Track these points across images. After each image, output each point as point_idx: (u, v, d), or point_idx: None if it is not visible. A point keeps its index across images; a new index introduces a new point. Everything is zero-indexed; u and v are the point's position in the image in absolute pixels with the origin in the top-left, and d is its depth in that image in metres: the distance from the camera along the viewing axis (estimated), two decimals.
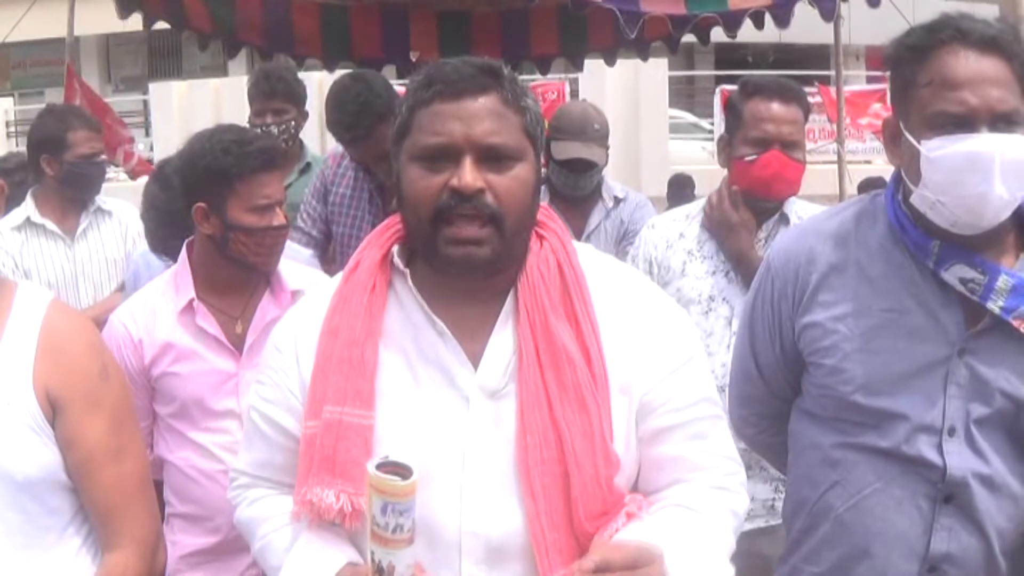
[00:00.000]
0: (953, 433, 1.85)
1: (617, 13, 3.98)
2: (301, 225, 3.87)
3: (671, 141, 14.27)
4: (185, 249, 2.61)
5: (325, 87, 4.05)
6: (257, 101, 4.28)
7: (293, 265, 2.66)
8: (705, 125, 16.14)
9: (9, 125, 16.86)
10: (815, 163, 5.42)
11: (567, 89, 13.22)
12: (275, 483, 1.74)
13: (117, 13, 4.82)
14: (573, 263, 1.66)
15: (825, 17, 4.42)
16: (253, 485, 1.77)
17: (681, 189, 9.23)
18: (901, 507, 1.89)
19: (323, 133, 10.02)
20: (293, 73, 4.51)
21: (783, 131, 2.80)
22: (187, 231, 2.58)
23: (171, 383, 2.49)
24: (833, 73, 6.51)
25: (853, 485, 1.93)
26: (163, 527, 2.06)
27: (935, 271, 1.85)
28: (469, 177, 1.54)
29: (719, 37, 4.92)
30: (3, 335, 1.72)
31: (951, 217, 1.80)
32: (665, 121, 14.13)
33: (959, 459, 1.85)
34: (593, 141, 3.68)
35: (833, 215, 2.04)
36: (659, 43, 5.32)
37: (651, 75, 13.23)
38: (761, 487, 2.77)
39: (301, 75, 4.58)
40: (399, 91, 3.77)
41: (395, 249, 1.67)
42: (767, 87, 2.86)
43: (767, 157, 2.79)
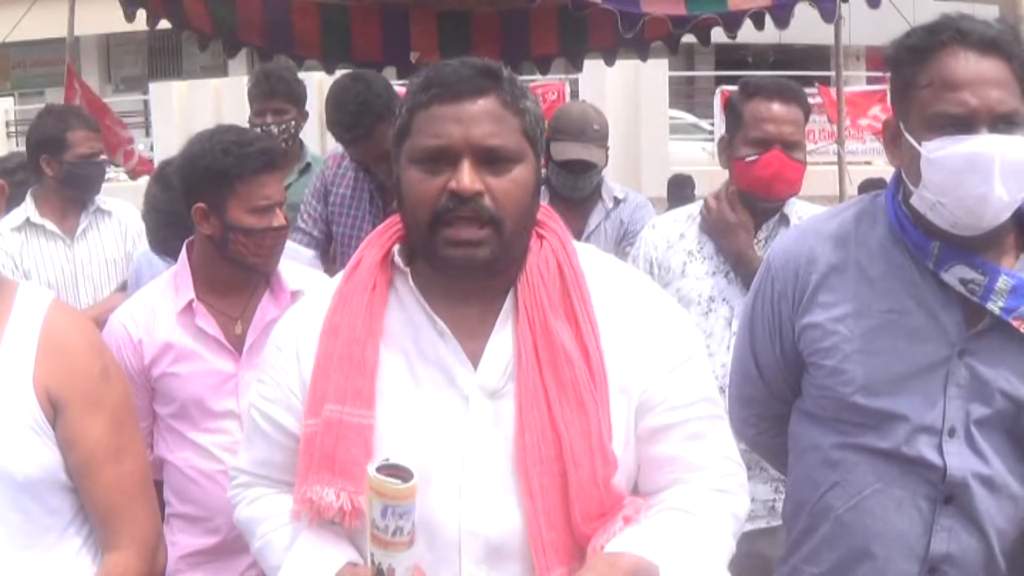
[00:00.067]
0: (953, 434, 1.85)
1: (617, 13, 3.98)
2: (302, 225, 3.86)
3: (671, 142, 14.27)
4: (185, 249, 2.60)
5: (325, 87, 4.05)
6: (257, 101, 4.28)
7: (293, 265, 2.66)
8: (705, 126, 16.14)
9: (9, 125, 16.86)
10: (815, 164, 5.41)
11: (567, 90, 13.21)
12: (275, 482, 1.74)
13: (124, 14, 4.81)
14: (573, 263, 1.66)
15: (826, 18, 4.41)
16: (253, 484, 1.77)
17: (681, 189, 9.22)
18: (901, 508, 1.89)
19: (323, 133, 10.02)
20: (293, 73, 4.51)
21: (783, 131, 2.80)
22: (188, 232, 2.58)
23: (171, 383, 2.49)
24: (833, 74, 6.50)
25: (853, 486, 1.93)
26: (163, 527, 2.06)
27: (935, 272, 1.85)
28: (467, 180, 1.54)
29: (719, 38, 4.91)
30: (4, 335, 1.72)
31: (951, 218, 1.80)
32: (665, 122, 14.13)
33: (959, 460, 1.85)
34: (592, 142, 3.66)
35: (833, 216, 2.04)
36: (659, 43, 5.32)
37: (651, 76, 13.22)
38: (761, 488, 2.76)
39: (301, 75, 4.57)
40: (399, 92, 3.77)
41: (396, 248, 1.67)
42: (767, 87, 2.86)
43: (768, 157, 2.79)
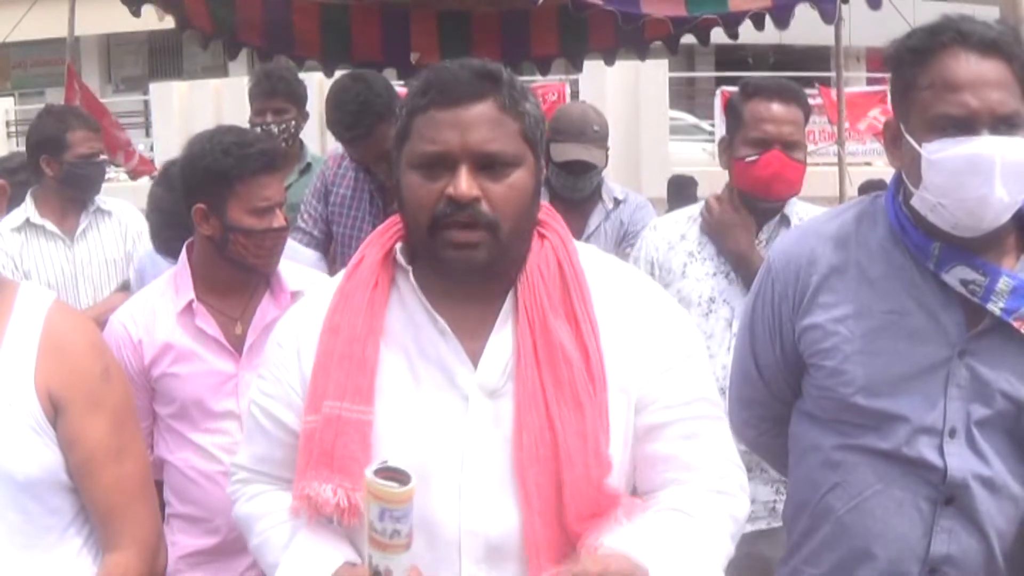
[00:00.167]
0: (954, 435, 1.85)
1: (617, 14, 3.98)
2: (302, 225, 3.86)
3: (671, 142, 14.26)
4: (185, 250, 2.60)
5: (325, 88, 4.04)
6: (258, 100, 4.28)
7: (293, 266, 2.65)
8: (705, 126, 16.14)
9: (9, 125, 16.85)
10: (815, 165, 5.39)
11: (567, 90, 13.20)
12: (274, 478, 1.74)
13: (130, 10, 4.81)
14: (574, 262, 1.66)
15: (826, 19, 4.41)
16: (252, 480, 1.77)
17: (683, 190, 9.18)
18: (901, 509, 1.88)
19: (323, 133, 10.02)
20: (294, 73, 4.51)
21: (783, 131, 2.80)
22: (192, 232, 2.58)
23: (171, 384, 2.49)
24: (833, 74, 6.50)
25: (854, 487, 1.92)
26: (163, 527, 2.06)
27: (936, 273, 1.85)
28: (464, 186, 1.54)
29: (719, 38, 4.91)
30: (5, 336, 1.72)
31: (952, 219, 1.80)
32: (665, 122, 14.12)
33: (960, 461, 1.85)
34: (592, 143, 3.66)
35: (834, 217, 2.04)
36: (658, 43, 5.33)
37: (651, 76, 13.23)
38: (762, 489, 2.76)
39: (302, 76, 4.57)
40: (400, 92, 3.77)
41: (398, 247, 1.68)
42: (767, 88, 2.86)
43: (767, 157, 2.79)
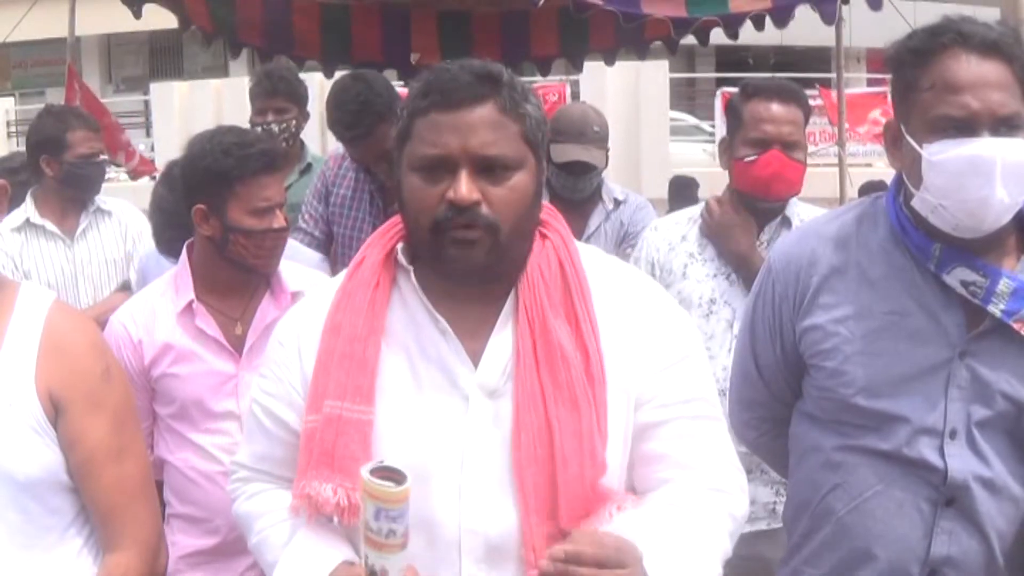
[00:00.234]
0: (954, 436, 1.85)
1: (618, 14, 3.98)
2: (303, 226, 3.86)
3: (672, 143, 14.27)
4: (185, 250, 2.60)
5: (326, 88, 4.05)
6: (259, 99, 4.28)
7: (293, 266, 2.65)
8: (706, 127, 16.14)
9: (10, 125, 16.85)
10: (816, 166, 5.39)
11: (568, 91, 13.20)
12: (275, 477, 1.74)
13: (132, 12, 4.80)
14: (575, 262, 1.66)
15: (826, 20, 4.41)
16: (252, 479, 1.77)
17: (684, 191, 9.17)
18: (902, 510, 1.88)
19: (324, 133, 10.03)
20: (295, 73, 4.51)
21: (782, 131, 2.80)
22: (193, 232, 2.58)
23: (171, 384, 2.49)
24: (834, 75, 6.50)
25: (854, 488, 1.92)
26: (163, 527, 2.06)
27: (936, 274, 1.85)
28: (464, 190, 1.54)
29: (719, 39, 4.92)
30: (5, 336, 1.72)
31: (952, 221, 1.80)
32: (666, 123, 14.13)
33: (960, 462, 1.85)
34: (592, 143, 3.65)
35: (834, 218, 2.04)
36: (658, 44, 5.33)
37: (652, 77, 13.24)
38: (762, 490, 2.76)
39: (303, 76, 4.58)
40: (400, 92, 3.77)
41: (399, 247, 1.68)
42: (766, 88, 2.86)
43: (766, 157, 2.79)
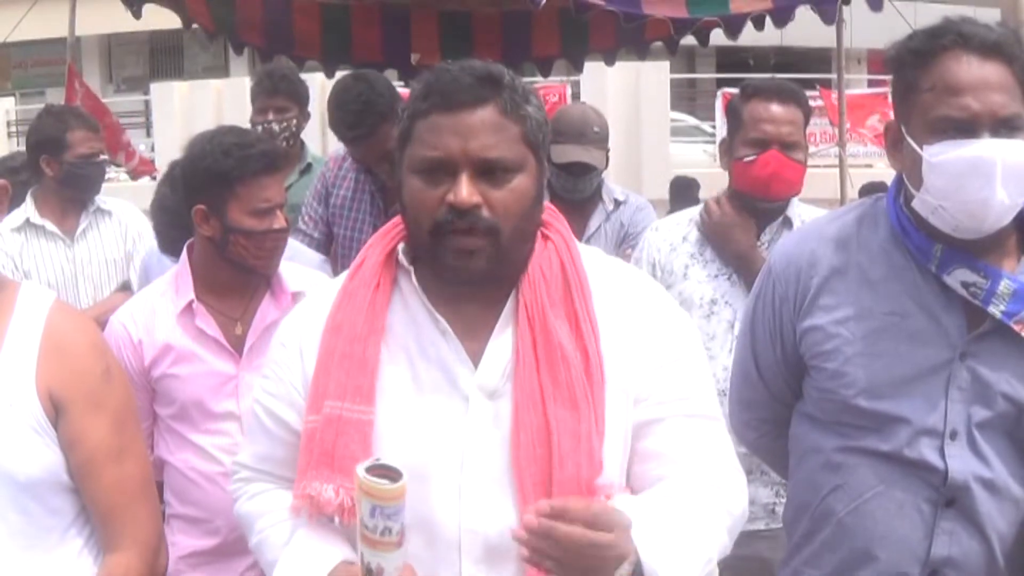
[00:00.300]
0: (955, 436, 1.85)
1: (619, 15, 3.98)
2: (302, 227, 3.86)
3: (672, 144, 14.27)
4: (185, 250, 2.60)
5: (327, 89, 4.04)
6: (260, 98, 4.28)
7: (294, 267, 2.65)
8: (706, 128, 16.15)
9: (10, 125, 16.85)
10: (816, 166, 5.40)
11: (568, 91, 13.21)
12: (276, 477, 1.74)
13: (131, 12, 4.80)
14: (576, 263, 1.66)
15: (826, 20, 4.41)
16: (254, 479, 1.78)
17: (685, 191, 9.18)
18: (902, 511, 1.88)
19: (324, 134, 10.02)
20: (296, 73, 4.51)
21: (782, 131, 2.80)
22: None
23: (171, 385, 2.48)
24: (835, 76, 6.50)
25: (854, 489, 1.92)
26: (163, 528, 2.05)
27: (937, 275, 1.85)
28: (464, 193, 1.54)
29: (719, 39, 4.92)
30: (6, 336, 1.72)
31: (953, 222, 1.80)
32: (666, 124, 14.12)
33: (961, 463, 1.85)
34: (592, 144, 3.65)
35: (834, 219, 2.04)
36: (659, 44, 5.33)
37: (652, 78, 13.23)
38: (763, 491, 2.76)
39: (304, 76, 4.57)
40: (401, 92, 3.77)
41: (400, 247, 1.68)
42: (766, 89, 2.86)
43: (765, 157, 2.79)
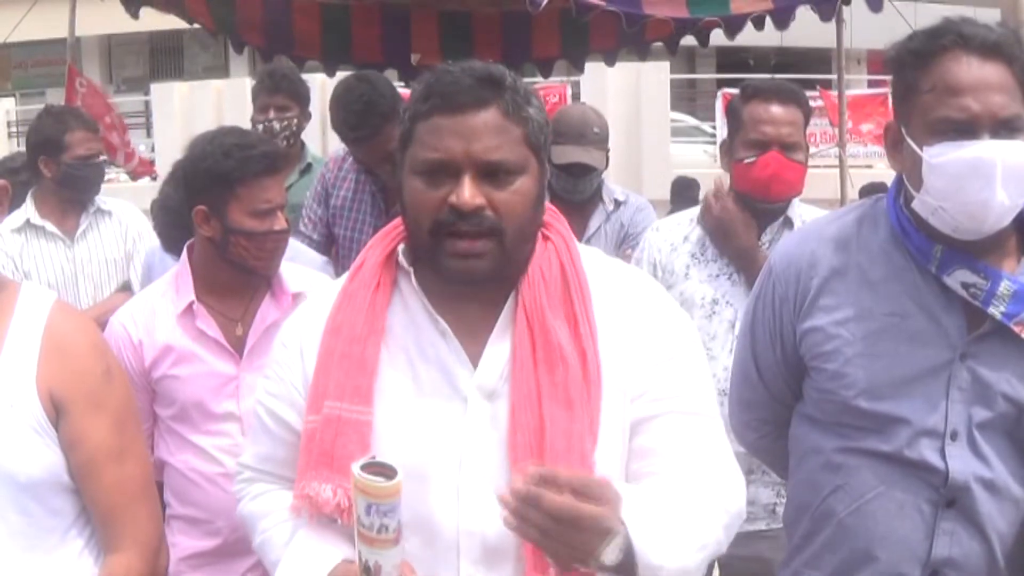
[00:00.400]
0: (955, 437, 1.85)
1: (621, 15, 3.98)
2: (303, 229, 3.85)
3: (673, 144, 14.27)
4: (186, 251, 2.60)
5: (328, 89, 4.05)
6: (261, 97, 4.28)
7: (294, 267, 2.65)
8: (707, 128, 16.16)
9: (10, 125, 16.85)
10: (816, 167, 5.39)
11: (568, 92, 13.22)
12: (278, 477, 1.75)
13: (129, 13, 4.81)
14: (576, 264, 1.66)
15: (824, 18, 4.42)
16: (257, 479, 1.78)
17: (686, 191, 9.19)
18: (903, 511, 1.88)
19: (324, 134, 10.02)
20: (297, 73, 4.51)
21: (782, 132, 2.80)
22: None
23: (171, 386, 2.48)
24: (835, 77, 6.50)
25: (855, 489, 1.92)
26: (164, 528, 2.05)
27: (937, 275, 1.85)
28: (468, 195, 1.54)
29: (719, 40, 4.92)
30: (7, 336, 1.72)
31: (953, 223, 1.80)
32: (667, 124, 14.11)
33: (961, 463, 1.85)
34: (592, 145, 3.65)
35: (835, 219, 2.04)
36: (659, 44, 5.33)
37: (653, 78, 13.23)
38: (763, 491, 2.77)
39: (304, 76, 4.58)
40: (401, 93, 3.77)
41: (400, 248, 1.68)
42: (765, 90, 2.86)
43: (765, 158, 2.79)
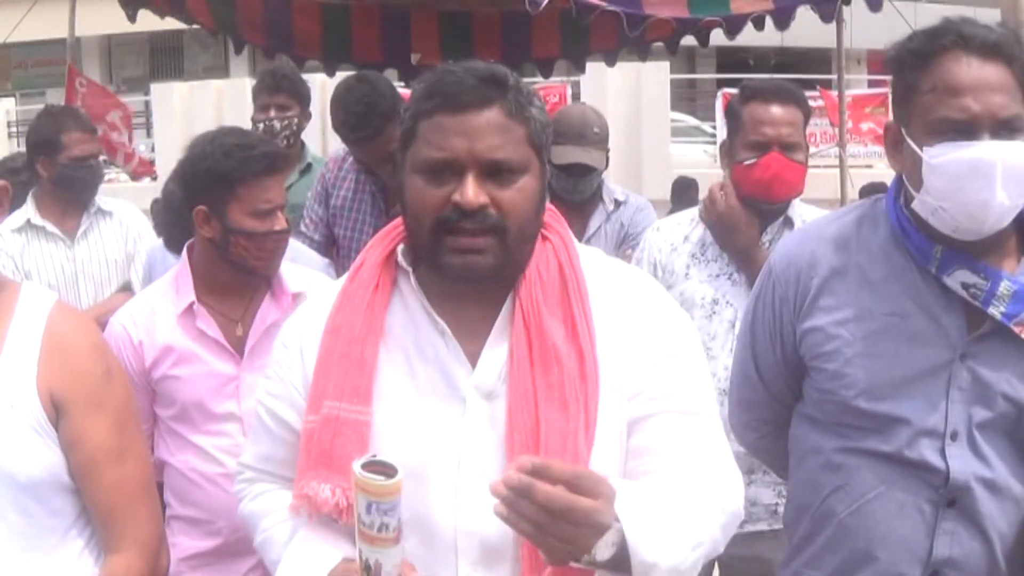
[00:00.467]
0: (956, 437, 1.85)
1: (622, 15, 3.98)
2: (303, 230, 3.85)
3: (673, 144, 14.28)
4: (186, 251, 2.60)
5: (328, 89, 4.05)
6: (262, 96, 4.28)
7: (294, 268, 2.65)
8: (707, 128, 16.17)
9: (10, 125, 16.86)
10: (816, 167, 5.40)
11: (569, 92, 13.22)
12: (278, 477, 1.75)
13: (126, 16, 4.81)
14: (574, 264, 1.66)
15: (825, 18, 4.42)
16: (257, 479, 1.78)
17: (686, 191, 9.21)
18: (903, 511, 1.88)
19: (324, 134, 10.03)
20: (298, 72, 4.51)
21: (782, 133, 2.80)
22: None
23: (171, 386, 2.48)
24: (835, 77, 6.50)
25: (855, 490, 1.92)
26: (164, 529, 2.05)
27: (937, 276, 1.85)
28: (471, 194, 1.54)
29: (719, 40, 4.92)
30: (7, 337, 1.72)
31: (952, 223, 1.80)
32: (667, 124, 14.13)
33: (962, 463, 1.85)
34: (592, 145, 3.65)
35: (835, 219, 2.04)
36: (659, 44, 5.33)
37: (653, 78, 13.24)
38: (764, 491, 2.76)
39: (305, 76, 4.58)
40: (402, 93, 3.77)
41: (400, 248, 1.68)
42: (765, 90, 2.86)
43: (766, 159, 2.79)
